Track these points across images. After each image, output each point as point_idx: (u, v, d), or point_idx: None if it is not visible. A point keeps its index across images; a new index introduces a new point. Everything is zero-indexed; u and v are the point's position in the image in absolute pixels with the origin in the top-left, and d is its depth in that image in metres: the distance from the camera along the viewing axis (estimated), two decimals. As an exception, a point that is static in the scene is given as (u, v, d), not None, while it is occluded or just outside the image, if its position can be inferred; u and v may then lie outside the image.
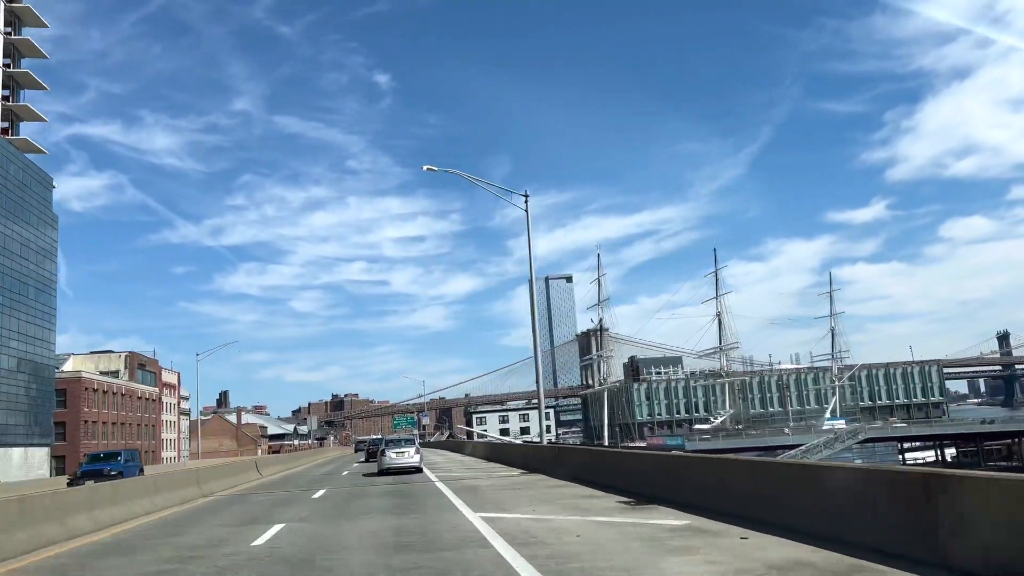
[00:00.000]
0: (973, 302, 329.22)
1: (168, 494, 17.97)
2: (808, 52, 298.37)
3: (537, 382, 27.09)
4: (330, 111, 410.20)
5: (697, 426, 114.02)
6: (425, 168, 27.08)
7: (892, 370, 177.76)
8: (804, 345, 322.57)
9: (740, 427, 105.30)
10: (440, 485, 20.04)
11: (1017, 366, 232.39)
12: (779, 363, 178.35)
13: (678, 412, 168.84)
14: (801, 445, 79.33)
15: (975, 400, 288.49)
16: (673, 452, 13.56)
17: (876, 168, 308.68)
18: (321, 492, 20.18)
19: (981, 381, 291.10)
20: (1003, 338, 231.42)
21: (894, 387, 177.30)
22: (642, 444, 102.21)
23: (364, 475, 31.39)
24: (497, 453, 34.89)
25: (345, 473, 31.40)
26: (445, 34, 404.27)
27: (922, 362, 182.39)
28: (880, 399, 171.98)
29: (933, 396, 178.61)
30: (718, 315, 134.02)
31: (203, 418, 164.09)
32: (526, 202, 27.92)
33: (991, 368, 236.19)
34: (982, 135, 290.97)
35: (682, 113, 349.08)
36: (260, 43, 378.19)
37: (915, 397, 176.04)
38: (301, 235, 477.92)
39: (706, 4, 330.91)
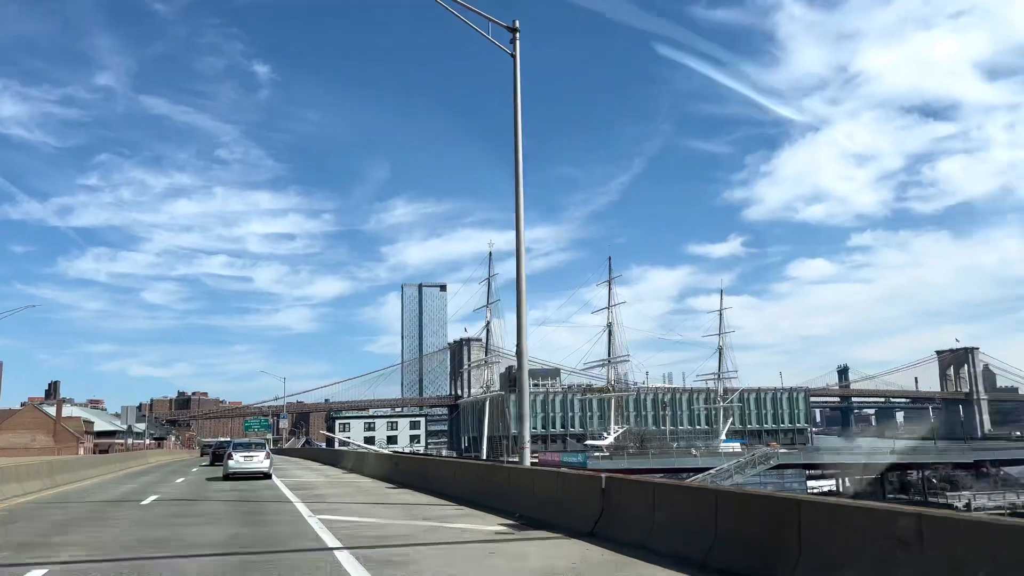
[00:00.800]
0: (813, 338, 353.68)
1: None
2: (681, 92, 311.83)
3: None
4: (203, 96, 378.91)
5: (590, 442, 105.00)
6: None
7: (763, 395, 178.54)
8: (674, 366, 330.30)
9: (638, 446, 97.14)
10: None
11: (855, 399, 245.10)
12: (644, 383, 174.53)
13: (554, 427, 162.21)
14: (710, 469, 71.42)
15: (814, 429, 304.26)
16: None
17: (735, 207, 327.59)
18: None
19: (817, 411, 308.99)
20: (843, 372, 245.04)
21: (764, 412, 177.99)
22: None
23: (184, 500, 18.28)
24: (405, 473, 22.26)
25: (128, 512, 17.88)
26: (329, 33, 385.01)
27: (791, 389, 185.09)
28: (751, 423, 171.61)
29: (799, 422, 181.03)
30: (609, 326, 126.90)
31: (15, 408, 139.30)
32: (513, 42, 16.05)
33: (832, 399, 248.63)
34: (830, 185, 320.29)
35: (562, 138, 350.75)
36: (132, 17, 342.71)
37: (783, 423, 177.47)
38: (160, 222, 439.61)
39: (594, 35, 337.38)
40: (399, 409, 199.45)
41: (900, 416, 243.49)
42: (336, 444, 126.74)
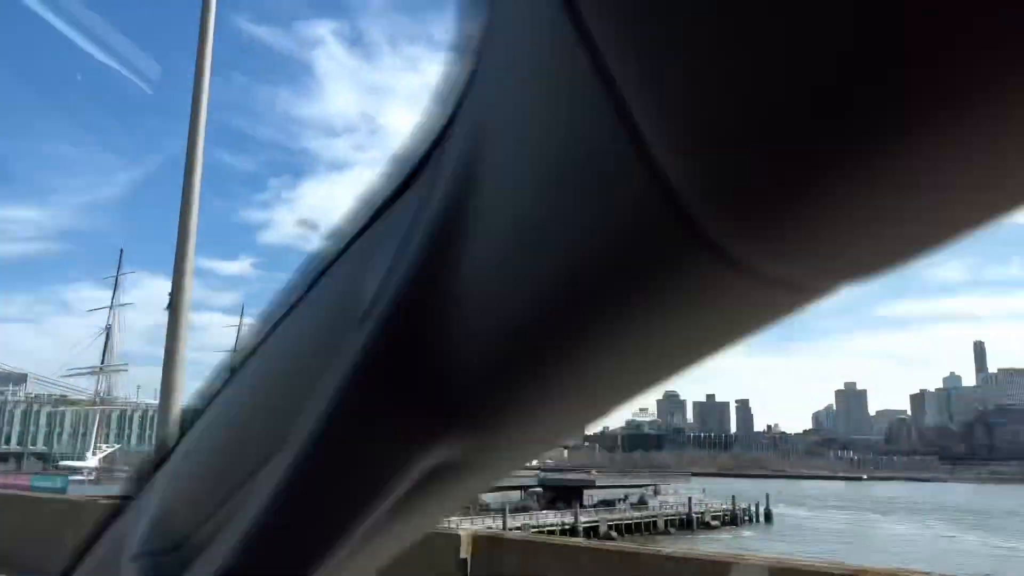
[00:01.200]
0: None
1: None
2: (214, 99, 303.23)
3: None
4: None
5: (68, 463, 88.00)
6: None
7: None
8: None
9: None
10: None
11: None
12: (135, 397, 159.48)
13: (8, 443, 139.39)
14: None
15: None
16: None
17: (252, 227, 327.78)
18: None
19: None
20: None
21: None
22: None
23: None
24: None
25: None
26: None
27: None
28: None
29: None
30: (108, 328, 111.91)
31: None
32: None
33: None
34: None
35: (62, 111, 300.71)
36: None
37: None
38: None
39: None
40: None
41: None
42: None
